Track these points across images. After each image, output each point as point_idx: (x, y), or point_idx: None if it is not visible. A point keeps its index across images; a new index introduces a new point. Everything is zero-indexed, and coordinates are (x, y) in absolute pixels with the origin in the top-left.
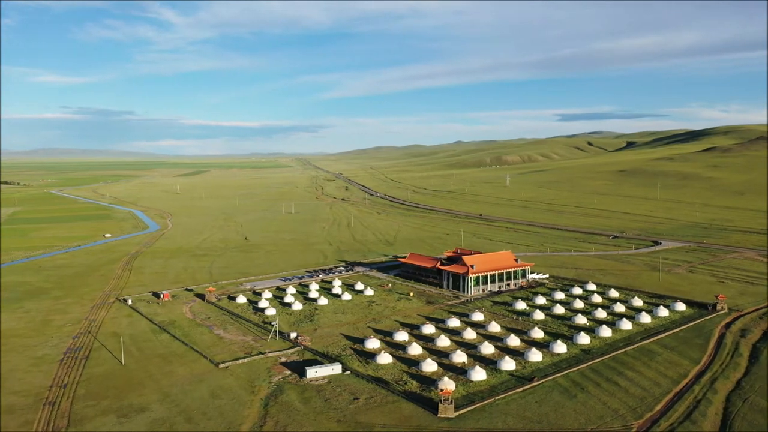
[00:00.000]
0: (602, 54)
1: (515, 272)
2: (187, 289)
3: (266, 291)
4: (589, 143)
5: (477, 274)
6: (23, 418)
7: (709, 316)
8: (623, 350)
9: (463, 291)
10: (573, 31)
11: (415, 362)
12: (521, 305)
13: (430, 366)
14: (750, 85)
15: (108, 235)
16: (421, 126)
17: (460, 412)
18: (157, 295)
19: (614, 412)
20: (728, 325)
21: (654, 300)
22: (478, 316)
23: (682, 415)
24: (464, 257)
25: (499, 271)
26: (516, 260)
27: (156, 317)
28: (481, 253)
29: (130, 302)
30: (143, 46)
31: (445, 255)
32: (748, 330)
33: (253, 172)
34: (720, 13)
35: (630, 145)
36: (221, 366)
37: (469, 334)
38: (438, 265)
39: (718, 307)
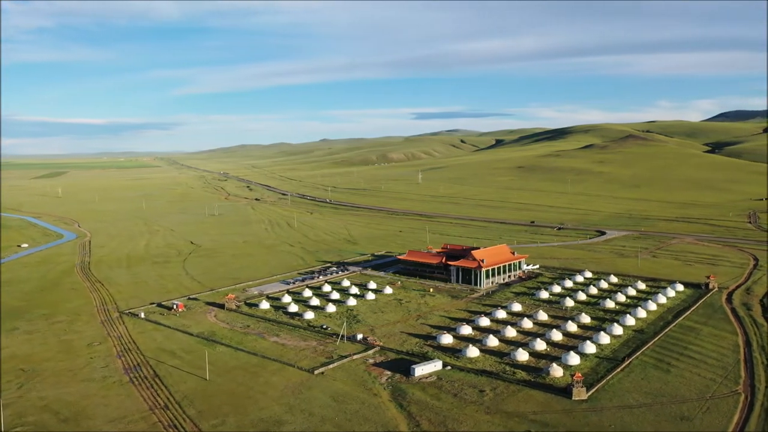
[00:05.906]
0: (453, 55)
1: (513, 264)
2: (190, 298)
3: (285, 295)
4: (462, 141)
5: (486, 268)
6: None
7: (708, 295)
8: (669, 328)
9: (476, 285)
10: (425, 33)
11: (499, 353)
12: (544, 294)
13: (522, 355)
14: (580, 87)
15: (24, 246)
16: (282, 124)
17: (590, 393)
18: (166, 306)
19: (712, 381)
20: (729, 301)
21: (650, 283)
22: (516, 307)
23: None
24: (473, 252)
25: (502, 264)
26: (513, 253)
27: (189, 329)
28: (479, 248)
29: (142, 315)
30: None
31: (431, 250)
32: (749, 304)
33: (121, 172)
34: (556, 19)
35: (499, 142)
36: (316, 372)
37: (527, 323)
38: (444, 260)
39: (710, 286)
